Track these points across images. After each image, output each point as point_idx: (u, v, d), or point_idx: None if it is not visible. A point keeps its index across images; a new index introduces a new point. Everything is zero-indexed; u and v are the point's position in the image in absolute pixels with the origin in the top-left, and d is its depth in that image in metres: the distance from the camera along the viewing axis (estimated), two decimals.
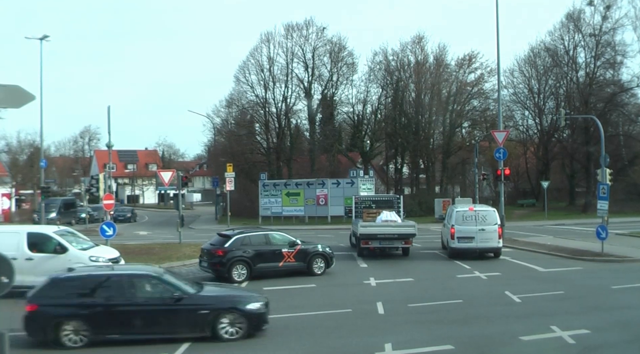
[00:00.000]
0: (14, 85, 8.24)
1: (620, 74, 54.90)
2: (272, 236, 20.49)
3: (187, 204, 72.86)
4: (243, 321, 11.91)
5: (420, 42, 57.84)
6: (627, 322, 12.97)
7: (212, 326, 11.79)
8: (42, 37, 38.91)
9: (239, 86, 58.77)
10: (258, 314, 12.13)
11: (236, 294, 13.39)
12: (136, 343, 11.64)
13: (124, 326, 11.75)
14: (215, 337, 11.76)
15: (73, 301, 11.78)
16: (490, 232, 23.31)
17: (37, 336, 11.78)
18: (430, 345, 11.15)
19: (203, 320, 11.79)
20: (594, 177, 37.15)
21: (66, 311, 11.66)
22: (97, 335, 11.58)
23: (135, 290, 12.02)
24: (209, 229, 44.89)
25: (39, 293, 11.91)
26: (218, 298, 12.57)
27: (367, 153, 60.29)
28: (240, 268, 18.99)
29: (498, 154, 30.39)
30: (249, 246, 19.49)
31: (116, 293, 11.92)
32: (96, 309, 11.66)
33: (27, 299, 11.83)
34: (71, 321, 11.57)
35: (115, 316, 11.74)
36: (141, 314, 11.79)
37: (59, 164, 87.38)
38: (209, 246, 19.99)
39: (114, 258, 17.25)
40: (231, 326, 11.88)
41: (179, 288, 12.09)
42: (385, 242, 23.96)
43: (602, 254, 23.20)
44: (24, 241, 16.38)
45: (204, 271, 19.90)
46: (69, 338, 11.53)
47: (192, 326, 11.87)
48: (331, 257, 20.60)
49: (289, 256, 19.77)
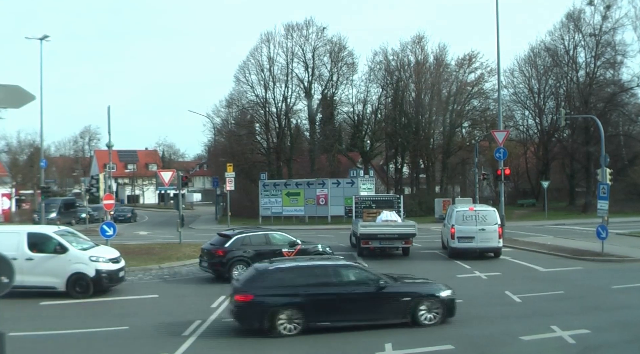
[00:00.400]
0: (14, 85, 8.24)
1: (621, 73, 54.99)
2: (272, 235, 20.51)
3: (187, 204, 72.87)
4: (440, 307, 12.70)
5: (420, 42, 57.91)
6: (627, 322, 12.96)
7: (412, 312, 12.54)
8: (42, 37, 38.90)
9: (239, 86, 58.86)
10: (451, 300, 12.93)
11: (431, 282, 13.95)
12: (343, 329, 12.15)
13: (334, 314, 12.36)
14: (415, 323, 12.48)
15: (286, 290, 12.27)
16: (490, 232, 23.32)
17: (252, 325, 12.20)
18: (430, 345, 11.15)
19: (405, 307, 12.54)
20: (594, 177, 37.16)
21: (281, 300, 12.13)
22: (309, 323, 12.11)
23: (342, 279, 12.75)
24: (209, 229, 44.88)
25: (249, 284, 12.40)
26: (417, 285, 13.38)
27: (367, 153, 60.29)
28: (240, 268, 18.90)
29: (498, 154, 30.40)
30: (249, 246, 19.50)
31: (324, 282, 12.58)
32: (308, 298, 12.19)
33: (238, 290, 12.34)
34: (286, 310, 12.07)
35: (326, 304, 12.32)
36: (349, 302, 12.41)
37: (59, 164, 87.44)
38: (209, 246, 19.96)
39: (114, 258, 17.24)
40: (429, 312, 12.64)
41: (380, 277, 12.89)
42: (385, 242, 24.09)
43: (602, 254, 23.19)
44: (24, 241, 16.37)
45: (204, 271, 19.87)
46: (284, 326, 12.03)
47: (395, 312, 12.57)
48: None
49: (289, 256, 19.80)
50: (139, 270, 20.95)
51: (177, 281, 19.47)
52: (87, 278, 16.28)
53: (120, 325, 13.11)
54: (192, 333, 12.22)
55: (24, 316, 13.87)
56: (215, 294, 16.21)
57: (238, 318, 12.31)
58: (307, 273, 12.80)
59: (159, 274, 20.60)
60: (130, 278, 18.97)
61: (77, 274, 16.27)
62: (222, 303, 15.25)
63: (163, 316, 14.13)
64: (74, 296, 16.11)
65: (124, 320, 13.64)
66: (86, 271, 16.29)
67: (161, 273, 20.82)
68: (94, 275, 16.31)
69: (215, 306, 14.89)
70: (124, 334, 12.47)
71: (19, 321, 13.11)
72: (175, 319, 13.56)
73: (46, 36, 39.05)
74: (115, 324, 13.24)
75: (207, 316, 13.70)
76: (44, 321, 13.96)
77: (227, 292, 16.64)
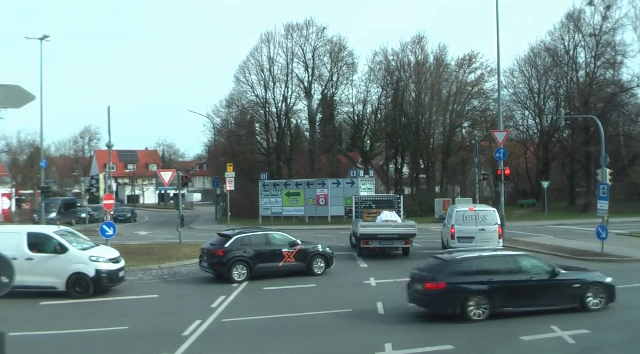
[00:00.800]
0: (14, 85, 8.23)
1: (620, 74, 54.97)
2: (272, 235, 20.48)
3: (187, 204, 72.88)
4: (604, 293, 13.84)
5: (420, 42, 57.88)
6: (627, 322, 12.98)
7: (581, 298, 13.67)
8: (42, 37, 38.90)
9: (239, 86, 58.81)
10: (613, 286, 14.04)
11: (594, 270, 15.25)
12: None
13: (515, 300, 13.33)
14: (583, 308, 13.55)
15: (474, 278, 13.26)
16: (490, 232, 23.39)
17: (444, 310, 13.17)
18: (430, 345, 11.16)
19: (575, 293, 13.67)
20: (594, 177, 37.16)
21: (470, 287, 13.09)
22: (494, 309, 13.02)
23: (520, 268, 13.77)
24: (209, 229, 44.89)
25: (438, 273, 13.32)
26: (585, 273, 14.77)
27: (367, 153, 60.26)
28: (240, 268, 18.94)
29: (498, 154, 30.39)
30: (249, 246, 19.45)
31: (505, 270, 13.63)
32: (493, 285, 13.13)
33: (426, 278, 13.31)
34: (474, 296, 13.01)
35: (508, 291, 13.29)
36: (528, 289, 13.48)
37: (59, 164, 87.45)
38: (209, 246, 19.94)
39: (114, 258, 17.25)
40: (594, 297, 13.76)
41: (553, 266, 14.08)
42: (385, 242, 24.15)
43: (602, 254, 23.19)
44: (24, 241, 16.37)
45: (204, 270, 19.86)
46: (474, 312, 12.96)
47: (566, 298, 13.66)
48: (331, 257, 20.63)
49: (289, 256, 19.77)
50: (139, 270, 20.95)
51: (177, 281, 19.48)
52: (87, 278, 16.28)
53: (120, 325, 13.12)
54: (192, 333, 12.21)
55: (24, 316, 13.88)
56: (215, 294, 16.22)
57: (428, 304, 13.41)
58: (490, 262, 13.94)
59: (159, 274, 20.60)
60: (130, 278, 18.98)
61: (77, 274, 16.27)
62: (222, 303, 15.27)
63: (163, 316, 14.14)
64: (74, 296, 16.11)
65: (124, 320, 13.64)
66: (86, 271, 16.30)
67: (161, 273, 20.83)
68: (93, 275, 16.31)
69: (215, 306, 14.89)
70: (124, 334, 12.47)
71: (19, 321, 13.12)
72: (175, 319, 13.56)
73: (46, 36, 39.06)
74: (115, 324, 13.24)
75: (207, 316, 13.70)
76: (44, 321, 13.97)
77: (227, 292, 16.73)
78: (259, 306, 15.35)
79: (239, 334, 12.26)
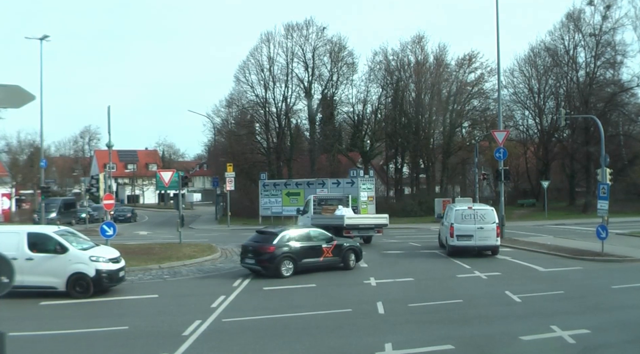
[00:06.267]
0: (14, 85, 8.22)
1: (620, 73, 55.05)
2: (312, 232, 21.36)
3: (187, 204, 72.89)
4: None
5: (420, 42, 57.93)
6: (627, 322, 12.96)
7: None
8: (42, 37, 38.95)
9: (239, 86, 58.87)
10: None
11: None
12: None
13: None
14: None
15: None
16: (488, 231, 23.78)
17: None
18: (430, 345, 11.14)
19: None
20: (594, 177, 37.19)
21: None
22: None
23: None
24: (209, 229, 44.92)
25: None
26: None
27: (367, 153, 60.27)
28: (287, 264, 19.56)
29: (498, 154, 30.42)
30: (293, 242, 20.11)
31: None
32: None
33: None
34: None
35: None
36: None
37: (59, 164, 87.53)
38: (254, 243, 20.25)
39: (114, 258, 17.22)
40: None
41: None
42: (363, 231, 28.99)
43: (602, 254, 23.19)
44: (24, 241, 16.34)
45: (246, 267, 20.21)
46: None
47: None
48: (360, 251, 21.87)
49: (328, 251, 20.76)
50: (139, 270, 20.95)
51: (177, 281, 19.46)
52: (87, 278, 16.25)
53: (120, 325, 13.10)
54: (192, 333, 12.20)
55: (24, 316, 13.87)
56: (215, 294, 16.21)
57: None
58: None
59: (159, 274, 20.59)
60: (130, 277, 18.97)
61: (77, 274, 16.24)
62: (222, 303, 15.26)
63: (163, 316, 14.12)
64: (74, 296, 16.10)
65: (124, 320, 13.62)
66: (86, 271, 16.28)
67: (161, 273, 20.82)
68: (94, 275, 16.28)
69: (215, 306, 14.87)
70: (124, 334, 12.46)
71: (19, 321, 13.12)
72: (175, 319, 13.55)
73: (46, 36, 39.12)
74: (115, 324, 13.22)
75: (207, 316, 13.68)
76: (44, 321, 13.95)
77: (227, 292, 16.73)
78: (259, 306, 15.33)
79: (239, 334, 12.24)
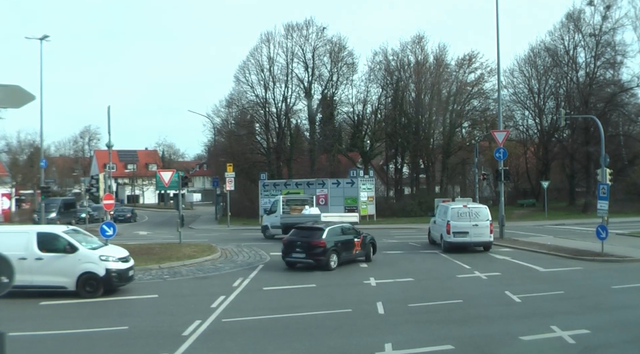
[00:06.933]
0: (14, 85, 8.23)
1: (620, 74, 55.08)
2: (345, 227, 22.56)
3: (187, 204, 72.89)
4: None
5: (420, 42, 57.91)
6: (627, 322, 12.96)
7: None
8: (42, 37, 38.96)
9: (239, 86, 58.87)
10: None
11: None
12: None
13: None
14: None
15: None
16: (482, 228, 25.23)
17: None
18: (430, 345, 11.14)
19: None
20: (594, 177, 37.21)
21: None
22: None
23: None
24: (209, 229, 44.91)
25: None
26: None
27: (367, 153, 60.27)
28: (333, 257, 20.85)
29: (498, 154, 30.43)
30: (334, 237, 21.30)
31: None
32: None
33: None
34: None
35: None
36: None
37: (59, 164, 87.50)
38: (302, 238, 21.08)
39: (123, 257, 17.16)
40: None
41: None
42: None
43: (602, 254, 23.20)
44: (33, 241, 16.25)
45: (291, 262, 21.22)
46: None
47: None
48: (376, 243, 23.69)
49: (358, 245, 22.08)
50: (139, 270, 20.87)
51: (177, 281, 19.46)
52: (97, 278, 16.19)
53: (120, 325, 13.10)
54: (192, 333, 12.20)
55: (24, 316, 13.85)
56: (215, 294, 16.20)
57: None
58: None
59: (159, 274, 20.58)
60: None
61: (87, 273, 16.17)
62: (222, 303, 15.26)
63: (163, 316, 14.12)
64: (84, 295, 16.01)
65: (124, 320, 13.63)
66: (96, 270, 16.20)
67: (161, 273, 20.81)
68: (104, 274, 16.22)
69: (215, 306, 14.87)
70: (124, 334, 12.46)
71: (19, 321, 13.11)
72: (175, 319, 13.55)
73: (46, 36, 39.13)
74: (115, 324, 13.22)
75: (207, 316, 13.68)
76: (44, 321, 13.94)
77: (227, 292, 16.72)
78: (259, 306, 15.33)
79: (239, 334, 12.24)
